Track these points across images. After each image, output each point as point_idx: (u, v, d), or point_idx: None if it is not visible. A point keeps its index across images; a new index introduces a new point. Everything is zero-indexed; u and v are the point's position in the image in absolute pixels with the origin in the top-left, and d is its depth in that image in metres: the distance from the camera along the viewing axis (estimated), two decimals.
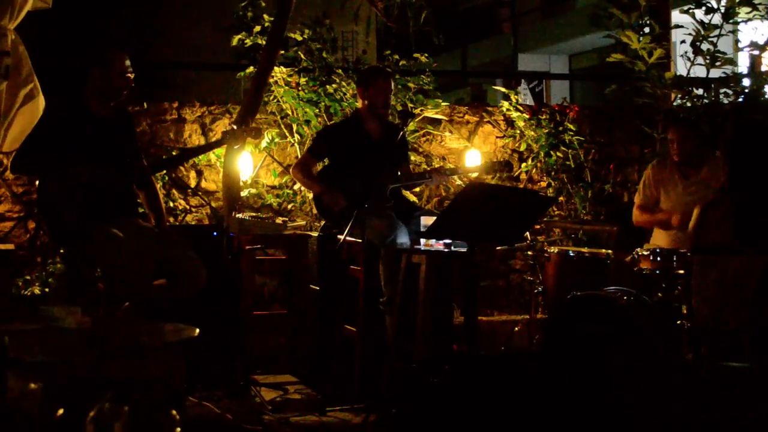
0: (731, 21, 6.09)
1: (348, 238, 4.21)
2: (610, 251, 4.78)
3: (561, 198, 6.27)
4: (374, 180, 4.58)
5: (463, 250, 4.21)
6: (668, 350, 4.22)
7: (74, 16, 6.94)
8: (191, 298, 4.01)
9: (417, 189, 5.82)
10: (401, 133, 4.77)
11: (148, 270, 3.94)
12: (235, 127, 4.35)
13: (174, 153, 5.65)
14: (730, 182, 3.87)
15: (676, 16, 6.60)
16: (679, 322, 4.22)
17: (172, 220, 5.63)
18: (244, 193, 5.61)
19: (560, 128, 6.19)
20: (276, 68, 5.53)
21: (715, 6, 6.00)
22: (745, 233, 3.83)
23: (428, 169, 5.64)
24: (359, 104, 4.94)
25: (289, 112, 5.74)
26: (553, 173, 6.27)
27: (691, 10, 6.02)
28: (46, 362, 2.44)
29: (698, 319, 4.06)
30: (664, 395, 3.10)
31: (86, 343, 2.88)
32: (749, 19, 6.27)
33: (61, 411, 1.88)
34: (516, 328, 5.30)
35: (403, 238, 4.44)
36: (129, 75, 4.13)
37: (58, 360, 2.50)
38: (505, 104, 6.30)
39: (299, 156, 5.80)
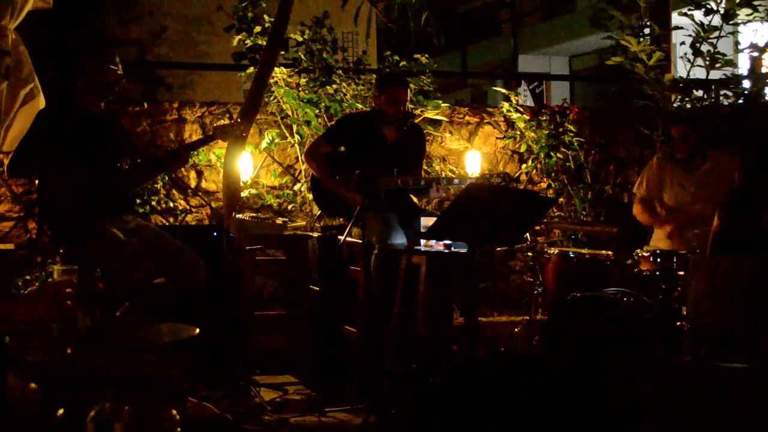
0: (731, 22, 6.09)
1: (348, 239, 4.21)
2: (610, 252, 4.79)
3: (561, 199, 6.27)
4: (369, 182, 4.49)
5: (463, 251, 4.21)
6: (668, 351, 4.22)
7: (74, 16, 6.93)
8: (191, 298, 4.01)
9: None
10: (420, 139, 4.73)
11: (147, 269, 3.94)
12: (224, 121, 4.34)
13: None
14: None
15: (676, 18, 6.61)
16: (678, 323, 4.23)
17: (172, 220, 5.64)
18: (244, 194, 5.61)
19: (560, 129, 6.20)
20: (276, 69, 5.54)
21: (715, 8, 6.00)
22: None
23: (429, 172, 5.60)
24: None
25: (290, 113, 5.74)
26: (553, 174, 6.27)
27: (690, 12, 6.03)
28: (46, 362, 2.44)
29: (690, 320, 4.07)
30: (663, 396, 3.10)
31: (86, 344, 2.88)
32: (749, 21, 6.28)
33: (61, 411, 1.88)
34: (516, 329, 5.30)
35: (399, 239, 4.42)
36: (119, 71, 4.14)
37: (59, 360, 2.50)
38: (506, 105, 6.31)
39: (299, 157, 5.81)
